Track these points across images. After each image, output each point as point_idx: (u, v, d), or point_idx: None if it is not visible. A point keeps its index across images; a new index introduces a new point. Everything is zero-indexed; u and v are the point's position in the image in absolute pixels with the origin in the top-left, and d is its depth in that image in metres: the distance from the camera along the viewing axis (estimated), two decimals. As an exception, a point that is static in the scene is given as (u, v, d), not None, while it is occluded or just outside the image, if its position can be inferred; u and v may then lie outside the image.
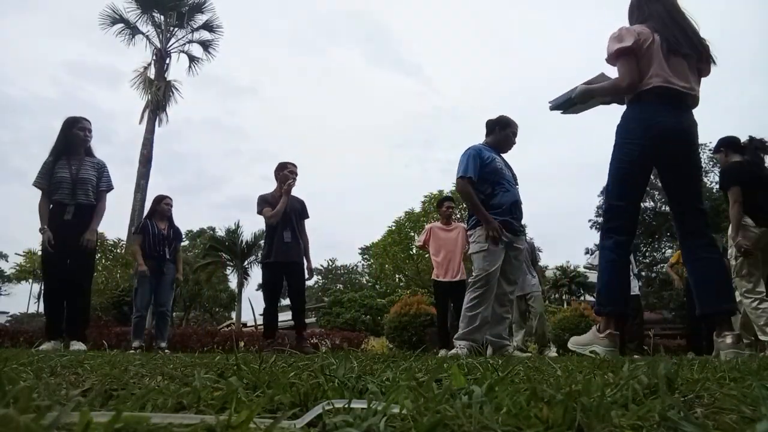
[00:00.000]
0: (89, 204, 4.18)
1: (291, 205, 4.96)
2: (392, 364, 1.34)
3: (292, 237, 4.89)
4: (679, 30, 2.50)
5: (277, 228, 4.87)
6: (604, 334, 2.46)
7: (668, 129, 2.40)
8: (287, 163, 5.08)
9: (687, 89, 2.45)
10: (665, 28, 2.48)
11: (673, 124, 2.41)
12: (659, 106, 2.42)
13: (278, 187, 5.02)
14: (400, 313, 10.44)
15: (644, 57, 2.45)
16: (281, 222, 4.86)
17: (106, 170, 4.36)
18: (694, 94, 2.49)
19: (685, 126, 2.44)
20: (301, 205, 5.15)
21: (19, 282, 32.55)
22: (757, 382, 0.71)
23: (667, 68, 2.42)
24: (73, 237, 4.04)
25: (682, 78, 2.44)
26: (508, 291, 3.62)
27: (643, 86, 2.45)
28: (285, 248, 4.84)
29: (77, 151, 4.23)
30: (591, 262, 7.05)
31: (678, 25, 2.51)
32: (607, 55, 2.53)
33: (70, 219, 4.07)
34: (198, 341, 8.48)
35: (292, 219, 4.95)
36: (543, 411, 0.51)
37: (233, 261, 24.99)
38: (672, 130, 2.41)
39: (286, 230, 4.88)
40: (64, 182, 4.10)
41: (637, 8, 2.65)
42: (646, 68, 2.45)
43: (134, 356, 2.29)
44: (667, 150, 2.44)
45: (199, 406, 0.60)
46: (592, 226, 31.17)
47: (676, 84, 2.42)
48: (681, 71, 2.45)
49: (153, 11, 19.11)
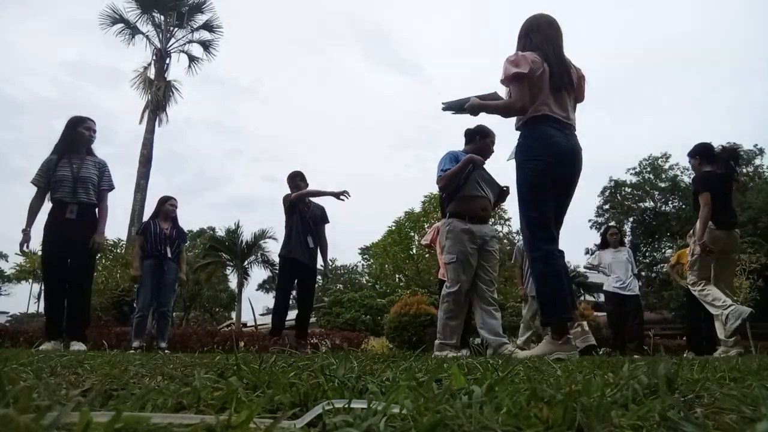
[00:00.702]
0: (90, 203, 4.18)
1: (312, 212, 5.24)
2: (392, 364, 1.34)
3: (312, 242, 5.16)
4: (561, 64, 2.76)
5: (298, 230, 5.10)
6: (562, 340, 2.58)
7: (564, 150, 2.68)
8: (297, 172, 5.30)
9: (567, 119, 2.74)
10: (550, 61, 2.72)
11: (567, 146, 2.69)
12: (554, 130, 2.68)
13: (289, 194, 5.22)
14: (400, 313, 10.44)
15: (536, 85, 2.68)
16: (303, 226, 5.12)
17: (107, 170, 4.35)
18: (572, 125, 2.78)
19: (577, 149, 2.74)
20: (321, 211, 5.41)
21: (19, 282, 32.52)
22: (757, 382, 0.71)
23: (553, 99, 2.71)
24: (75, 236, 4.03)
25: (564, 109, 2.74)
26: (489, 291, 3.67)
27: (534, 112, 2.70)
28: (305, 250, 5.09)
29: (79, 150, 4.23)
30: (591, 262, 7.03)
31: (559, 60, 2.76)
32: (503, 76, 2.72)
33: (74, 218, 4.06)
34: (198, 341, 8.47)
35: (311, 224, 5.20)
36: (543, 411, 0.51)
37: (233, 261, 24.97)
38: (567, 151, 2.70)
39: (308, 235, 5.14)
40: (65, 181, 4.09)
41: (525, 36, 2.85)
42: (536, 96, 2.69)
43: (134, 356, 2.29)
44: (563, 168, 2.71)
45: (199, 406, 0.60)
46: (592, 226, 31.13)
47: (559, 114, 2.71)
48: (562, 103, 2.74)
49: (153, 11, 19.11)
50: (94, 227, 4.17)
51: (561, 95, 2.73)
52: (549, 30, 2.81)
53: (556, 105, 2.70)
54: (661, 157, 30.19)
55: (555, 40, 2.79)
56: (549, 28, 2.81)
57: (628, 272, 6.39)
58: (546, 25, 2.82)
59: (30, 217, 4.11)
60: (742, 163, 31.44)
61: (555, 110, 2.69)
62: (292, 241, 5.06)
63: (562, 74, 2.72)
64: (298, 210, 5.17)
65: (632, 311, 6.21)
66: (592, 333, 2.83)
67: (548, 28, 2.81)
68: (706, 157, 4.58)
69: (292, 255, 5.05)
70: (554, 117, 2.68)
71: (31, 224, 4.10)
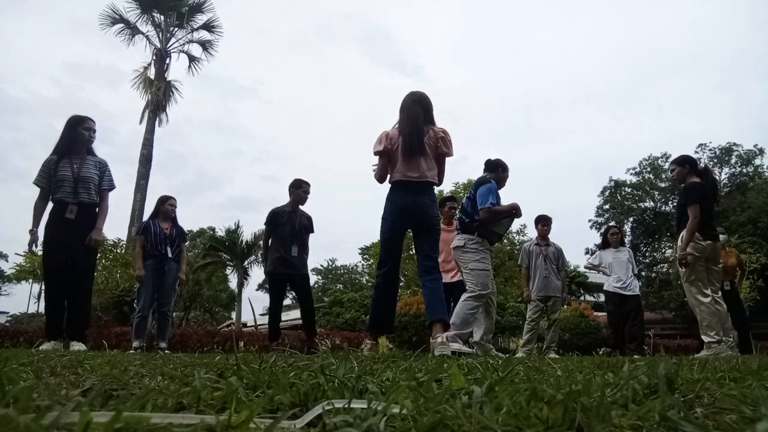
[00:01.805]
0: (91, 203, 4.17)
1: (299, 221, 5.30)
2: (392, 364, 1.34)
3: (298, 251, 5.24)
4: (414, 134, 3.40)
5: (285, 240, 5.19)
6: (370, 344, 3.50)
7: (406, 207, 3.44)
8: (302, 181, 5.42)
9: (419, 178, 3.42)
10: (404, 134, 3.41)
11: (409, 203, 3.44)
12: (401, 192, 3.46)
13: (291, 202, 5.35)
14: (400, 313, 10.45)
15: (393, 156, 3.46)
16: (290, 236, 5.20)
17: (107, 169, 4.35)
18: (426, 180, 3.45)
19: (418, 203, 3.45)
20: (308, 220, 5.46)
21: (19, 282, 32.49)
22: (757, 382, 0.71)
23: (405, 164, 3.41)
24: (76, 236, 4.03)
25: (415, 170, 3.41)
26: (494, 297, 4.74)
27: (391, 179, 3.49)
28: (292, 260, 5.17)
29: (79, 150, 4.23)
30: (591, 262, 7.02)
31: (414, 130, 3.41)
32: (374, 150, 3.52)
33: (74, 218, 4.06)
34: (198, 341, 8.48)
35: (299, 234, 5.27)
36: (543, 411, 0.51)
37: (233, 261, 24.97)
38: (410, 207, 3.44)
39: (294, 244, 5.21)
40: (65, 181, 4.08)
41: (400, 111, 3.54)
42: (394, 164, 3.47)
43: (134, 356, 2.29)
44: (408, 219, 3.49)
45: (199, 406, 0.60)
46: (592, 226, 31.12)
47: (411, 177, 3.42)
48: (414, 165, 3.41)
49: (153, 11, 19.10)
50: (90, 227, 4.15)
51: (413, 159, 3.40)
52: (412, 106, 3.49)
53: (408, 169, 3.42)
54: (661, 157, 30.18)
55: (415, 114, 3.45)
56: (413, 105, 3.50)
57: (629, 272, 6.39)
58: (411, 102, 3.51)
59: (35, 218, 4.11)
60: (743, 163, 31.45)
61: (407, 174, 3.42)
62: (280, 254, 5.18)
63: (414, 143, 3.38)
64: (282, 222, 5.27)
65: (632, 311, 6.21)
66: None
67: (412, 104, 3.50)
68: (694, 168, 4.73)
69: (277, 270, 5.18)
70: (404, 180, 3.42)
71: (37, 225, 4.09)
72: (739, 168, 31.20)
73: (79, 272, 4.09)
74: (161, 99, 18.18)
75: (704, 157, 32.30)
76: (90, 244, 4.10)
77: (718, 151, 31.64)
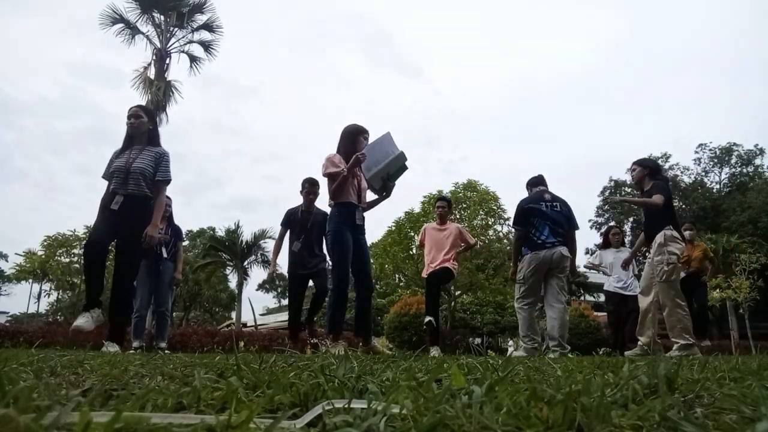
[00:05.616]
0: (141, 195, 3.99)
1: (314, 219, 5.35)
2: (392, 364, 1.34)
3: (310, 250, 5.32)
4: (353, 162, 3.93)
5: (298, 240, 5.29)
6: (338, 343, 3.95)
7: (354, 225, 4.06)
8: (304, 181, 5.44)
9: (357, 202, 4.10)
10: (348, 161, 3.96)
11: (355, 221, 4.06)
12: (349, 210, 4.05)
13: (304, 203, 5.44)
14: (400, 313, 10.46)
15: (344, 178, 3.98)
16: (300, 236, 5.31)
17: (164, 160, 4.14)
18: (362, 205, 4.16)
19: (358, 224, 4.10)
20: (323, 217, 5.39)
21: (19, 282, 32.48)
22: (757, 382, 0.71)
23: (350, 190, 4.05)
24: (117, 227, 3.88)
25: (356, 197, 4.09)
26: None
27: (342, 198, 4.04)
28: (305, 261, 5.27)
29: (136, 141, 4.11)
30: (592, 262, 7.03)
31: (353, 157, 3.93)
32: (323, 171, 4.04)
33: (116, 209, 3.89)
34: (198, 341, 8.48)
35: (310, 233, 5.33)
36: (543, 411, 0.51)
37: (233, 261, 24.97)
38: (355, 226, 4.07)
39: (304, 244, 5.30)
40: (119, 172, 3.97)
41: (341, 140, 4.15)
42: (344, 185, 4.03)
43: (134, 356, 2.28)
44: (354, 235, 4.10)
45: (199, 406, 0.59)
46: (592, 226, 31.15)
47: (353, 200, 4.07)
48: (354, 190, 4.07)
49: (153, 11, 19.09)
50: (136, 219, 3.96)
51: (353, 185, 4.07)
52: (348, 137, 4.13)
53: (352, 194, 4.06)
54: (661, 157, 30.17)
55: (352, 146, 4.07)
56: (349, 135, 4.14)
57: (629, 272, 6.39)
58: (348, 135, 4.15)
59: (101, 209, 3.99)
60: (743, 163, 31.43)
61: (349, 198, 4.05)
62: (298, 253, 5.28)
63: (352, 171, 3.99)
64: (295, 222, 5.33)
65: (632, 311, 6.21)
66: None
67: (349, 135, 4.15)
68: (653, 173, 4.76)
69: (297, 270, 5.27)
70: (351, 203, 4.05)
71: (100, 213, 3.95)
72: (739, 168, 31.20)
73: (121, 265, 3.95)
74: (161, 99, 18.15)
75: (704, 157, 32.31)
76: (146, 240, 3.94)
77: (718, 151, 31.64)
